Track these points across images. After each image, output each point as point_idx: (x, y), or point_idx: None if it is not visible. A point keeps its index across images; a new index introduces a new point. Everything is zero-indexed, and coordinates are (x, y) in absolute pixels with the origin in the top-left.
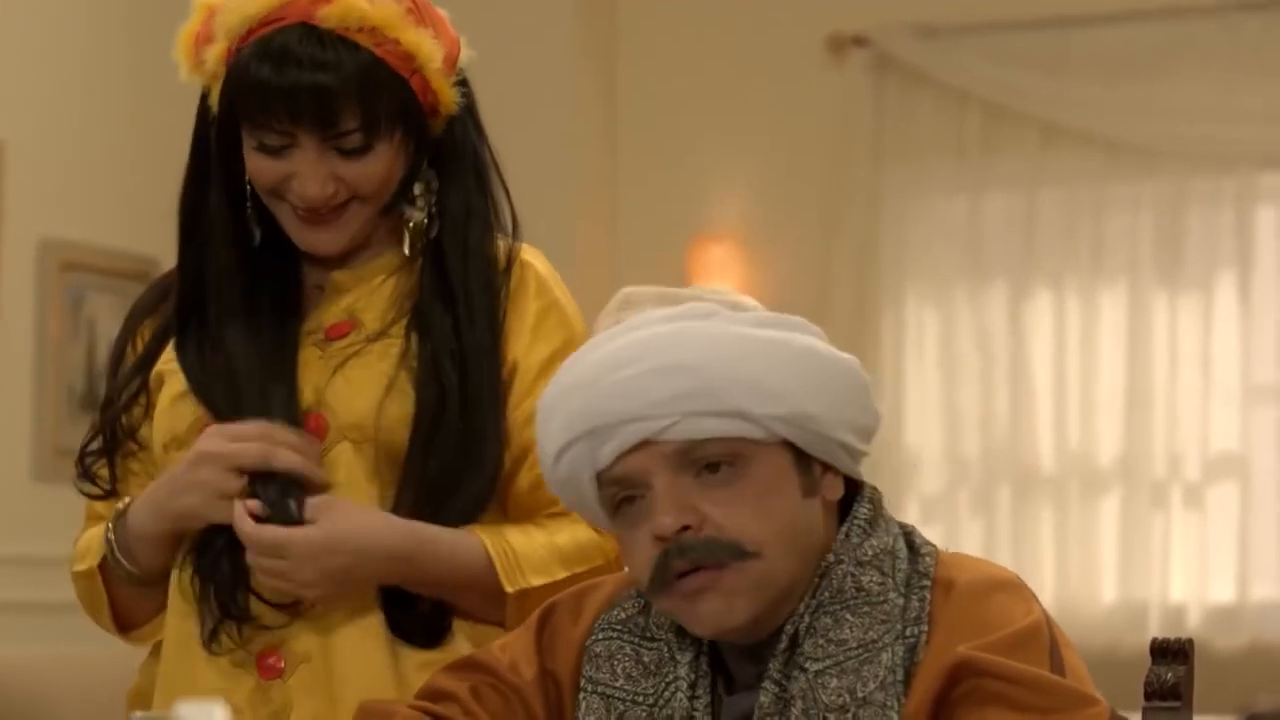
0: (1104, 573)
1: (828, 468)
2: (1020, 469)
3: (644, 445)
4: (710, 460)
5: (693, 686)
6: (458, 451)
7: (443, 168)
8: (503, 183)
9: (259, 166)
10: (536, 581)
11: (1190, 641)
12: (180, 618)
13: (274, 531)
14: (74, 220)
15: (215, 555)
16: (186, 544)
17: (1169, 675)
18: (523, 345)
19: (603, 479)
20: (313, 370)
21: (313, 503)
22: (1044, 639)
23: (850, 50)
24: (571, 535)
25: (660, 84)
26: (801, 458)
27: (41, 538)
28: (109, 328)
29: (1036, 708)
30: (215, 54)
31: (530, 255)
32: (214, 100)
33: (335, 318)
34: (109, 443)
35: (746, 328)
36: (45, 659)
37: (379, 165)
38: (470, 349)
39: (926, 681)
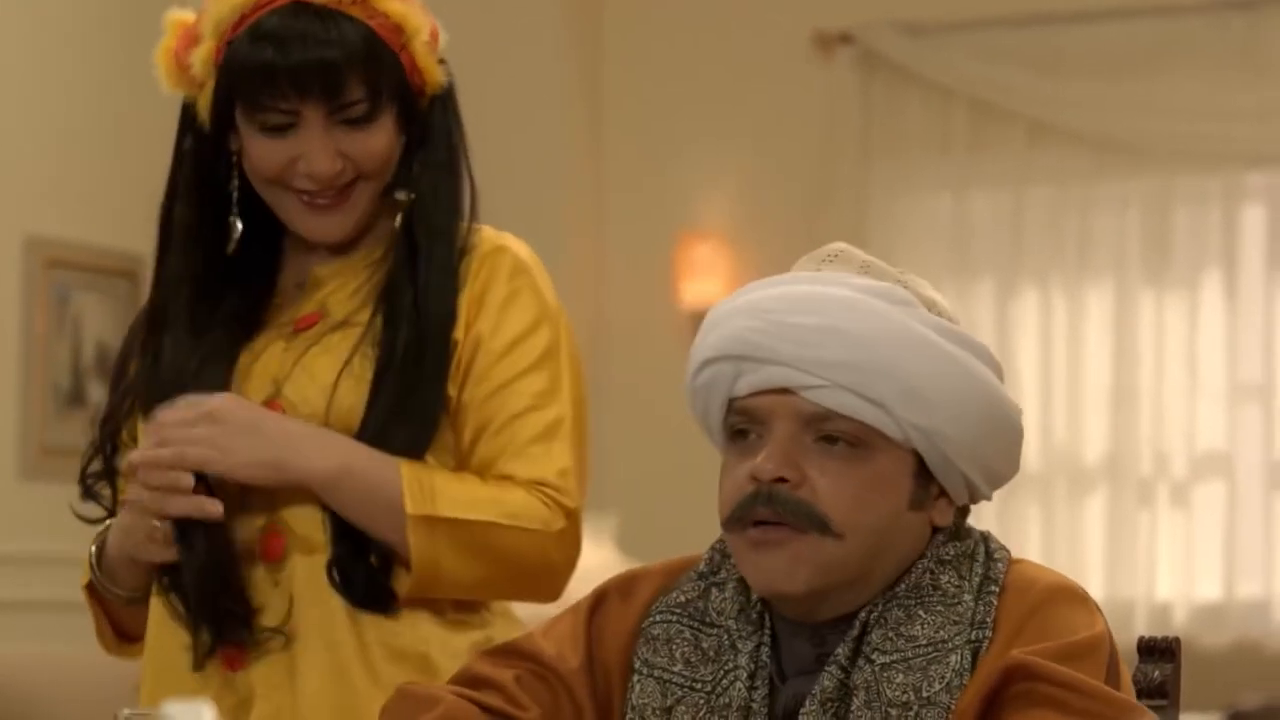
0: (1090, 571)
1: (944, 493)
2: None
3: (784, 392)
4: (837, 434)
5: (752, 676)
6: (395, 403)
7: (419, 146)
8: (469, 168)
9: (263, 152)
10: (446, 512)
11: (1177, 639)
12: (160, 617)
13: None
14: (60, 218)
15: (189, 572)
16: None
17: (1156, 673)
18: (489, 324)
19: (733, 405)
20: (274, 362)
21: None
22: (1104, 653)
23: (837, 48)
24: (512, 496)
25: (646, 82)
26: (924, 471)
27: (27, 536)
28: (94, 325)
29: (1088, 712)
30: (202, 56)
31: (510, 242)
32: (202, 105)
33: (305, 310)
34: (108, 461)
35: (930, 330)
36: (33, 657)
37: (382, 138)
38: (425, 317)
39: (979, 680)
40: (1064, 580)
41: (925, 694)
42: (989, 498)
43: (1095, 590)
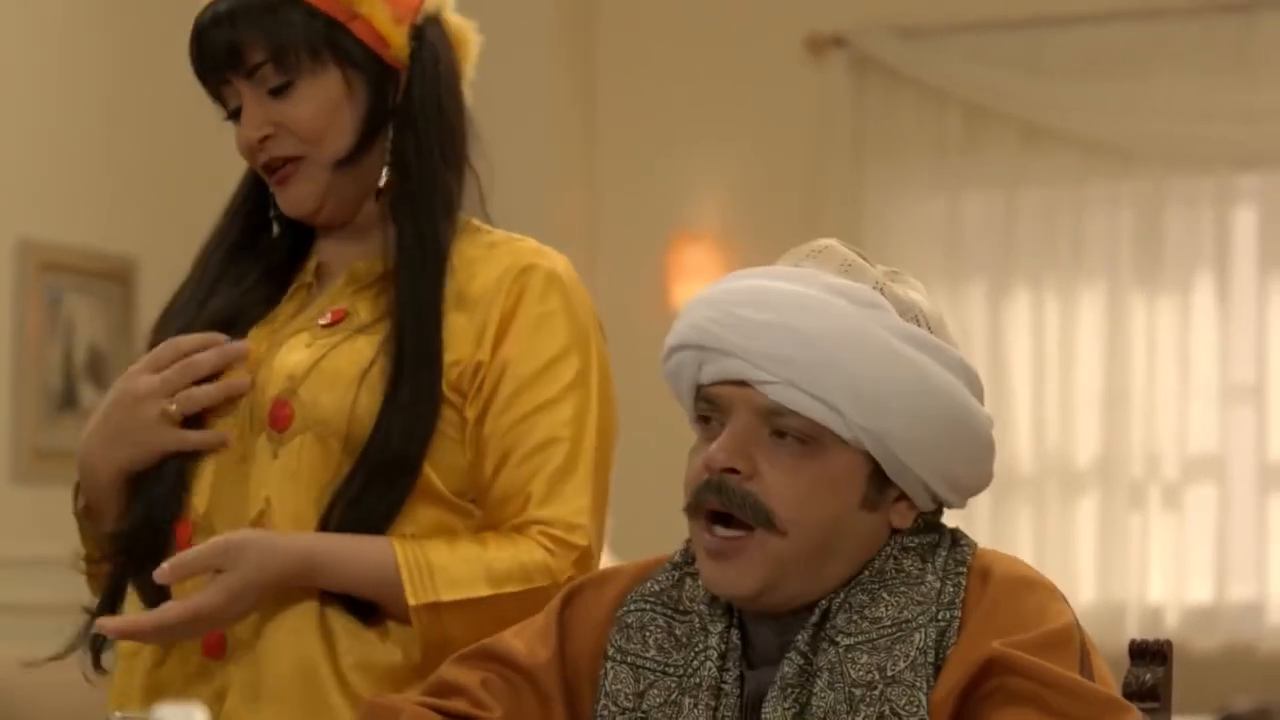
0: (1082, 573)
1: (904, 496)
2: (998, 469)
3: (742, 384)
4: (790, 431)
5: (722, 657)
6: (402, 425)
7: (402, 128)
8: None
9: (239, 143)
10: (448, 596)
11: (1168, 642)
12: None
13: (179, 610)
14: (52, 221)
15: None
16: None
17: (1147, 676)
18: (517, 350)
19: (700, 392)
20: (294, 357)
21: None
22: (1076, 642)
23: (829, 50)
24: (514, 554)
25: (640, 84)
26: (879, 474)
27: (19, 539)
28: (87, 328)
29: (1067, 713)
30: None
31: (545, 258)
32: None
33: (334, 302)
34: None
35: (893, 336)
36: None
37: (307, 105)
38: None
39: (956, 672)
40: (1031, 570)
41: (890, 673)
42: (959, 505)
43: (1087, 592)
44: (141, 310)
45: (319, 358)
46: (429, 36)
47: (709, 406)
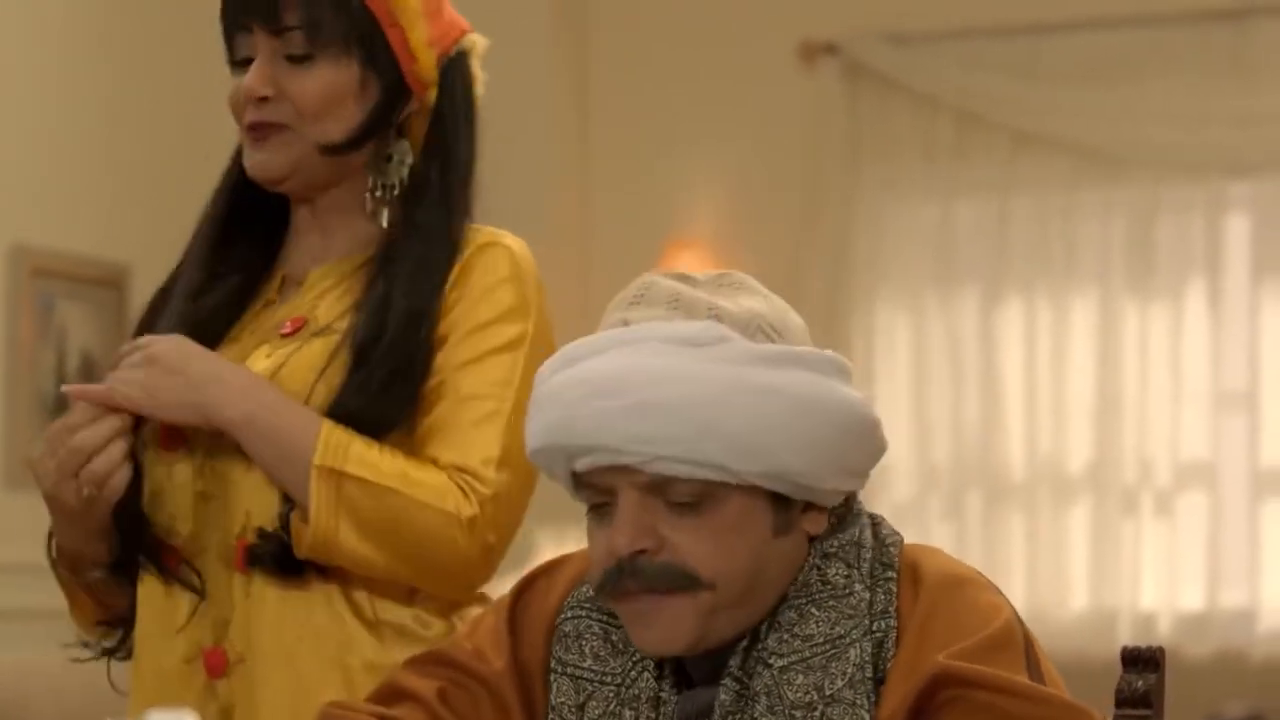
0: (1074, 580)
1: (811, 504)
2: (991, 476)
3: (617, 468)
4: (682, 497)
5: (659, 666)
6: (359, 400)
7: (426, 141)
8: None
9: (232, 90)
10: (353, 470)
11: (1160, 649)
12: (147, 626)
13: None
14: (45, 226)
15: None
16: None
17: (1139, 683)
18: (464, 309)
19: (577, 480)
20: (257, 366)
21: None
22: (1018, 639)
23: (822, 58)
24: (433, 475)
25: (633, 91)
26: (780, 497)
27: (10, 544)
28: (79, 335)
29: (1027, 717)
30: None
31: (507, 239)
32: None
33: (291, 313)
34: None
35: (749, 367)
36: (15, 665)
37: (319, 81)
38: (393, 312)
39: (902, 688)
40: (959, 565)
41: (829, 692)
42: (863, 485)
43: (1079, 599)
44: (134, 317)
45: (279, 365)
46: (463, 71)
47: (594, 493)
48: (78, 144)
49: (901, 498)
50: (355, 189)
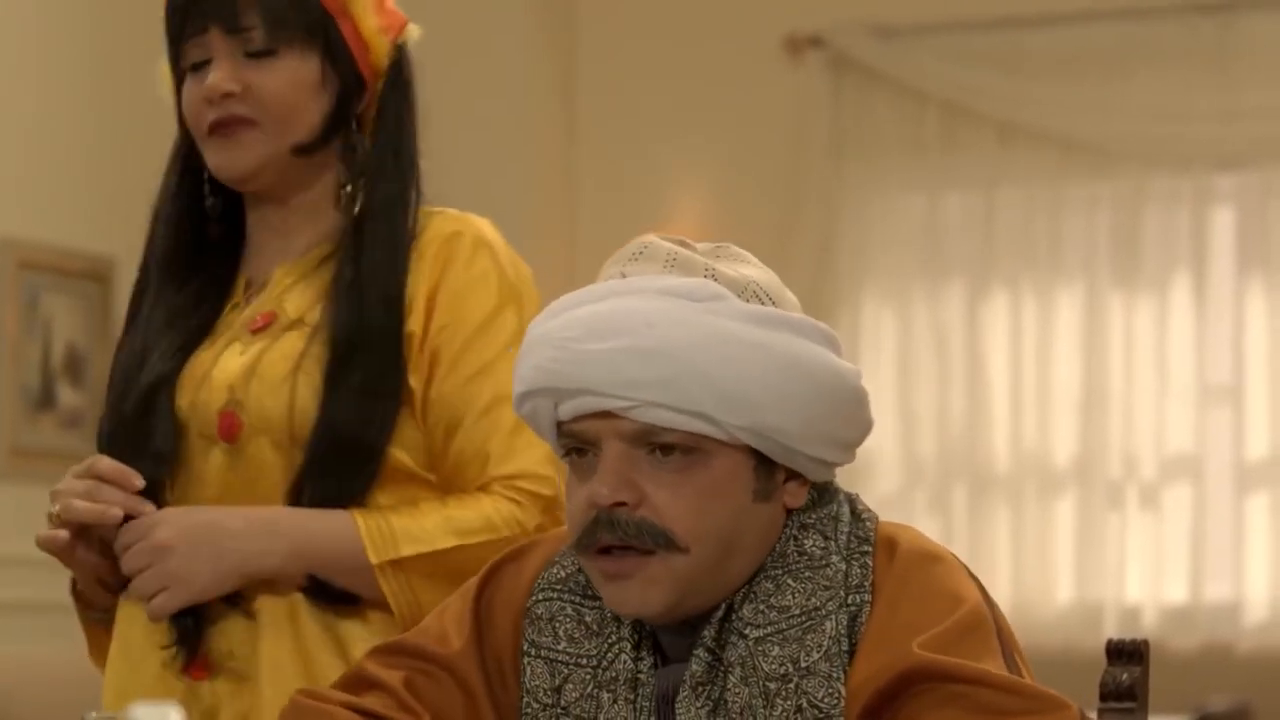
0: (1060, 573)
1: (793, 475)
2: (976, 469)
3: (603, 414)
4: (667, 446)
5: (636, 648)
6: (348, 394)
7: (373, 130)
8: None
9: (188, 94)
10: (409, 550)
11: (1145, 642)
12: (126, 624)
13: (130, 523)
14: (31, 219)
15: None
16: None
17: (1124, 676)
18: (451, 314)
19: (561, 429)
20: (231, 368)
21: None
22: (989, 623)
23: (807, 51)
24: (478, 510)
25: (618, 84)
26: (764, 462)
27: None
28: (65, 327)
29: (1003, 710)
30: None
31: (467, 224)
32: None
33: (262, 307)
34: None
35: (740, 323)
36: (2, 658)
37: (282, 77)
38: (367, 299)
39: (873, 659)
40: (932, 544)
41: (804, 664)
42: (848, 461)
43: (1064, 592)
44: (119, 309)
45: (254, 362)
46: (406, 56)
47: (576, 441)
48: (63, 136)
49: (886, 490)
50: (320, 190)
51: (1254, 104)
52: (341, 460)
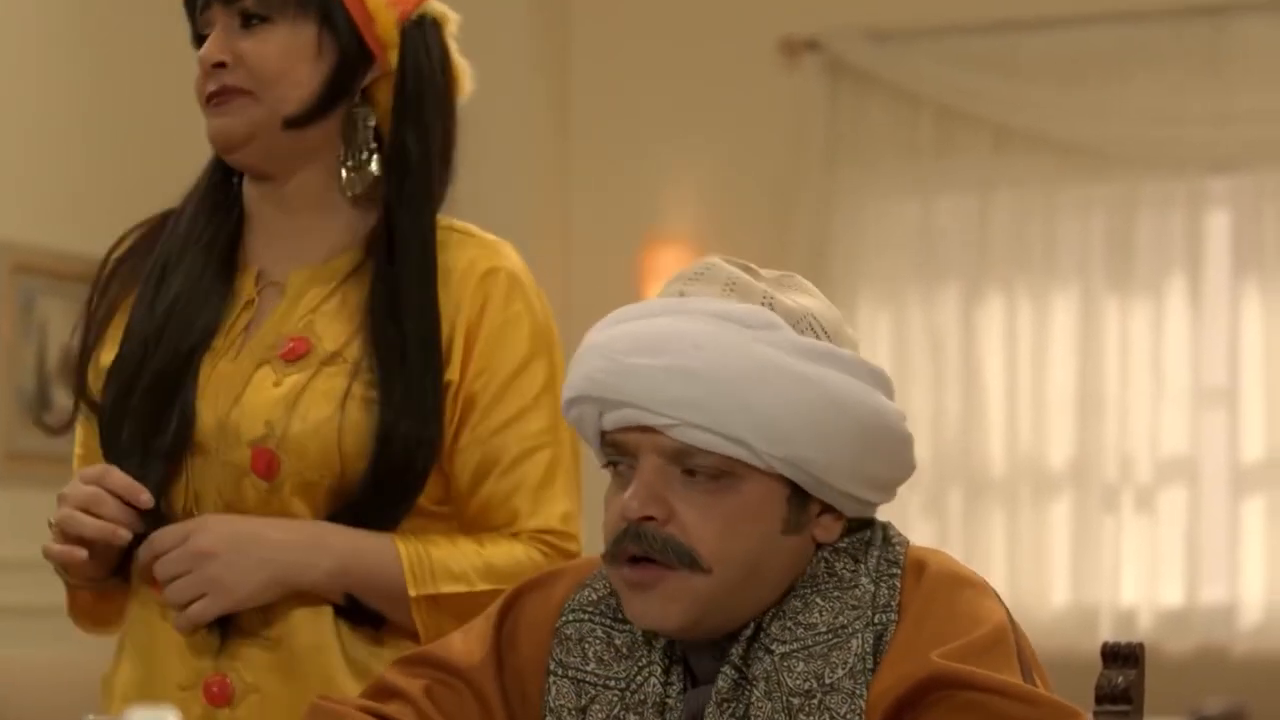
0: (1055, 576)
1: (828, 509)
2: (971, 472)
3: (644, 429)
4: (701, 469)
5: (666, 672)
6: (399, 460)
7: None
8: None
9: (199, 68)
10: (447, 589)
11: (1141, 645)
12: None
13: (165, 529)
14: (26, 223)
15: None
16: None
17: (1120, 679)
18: (486, 360)
19: (605, 438)
20: (265, 396)
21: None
22: (1010, 641)
23: (803, 54)
24: (510, 553)
25: (613, 87)
26: (798, 494)
27: None
28: (60, 330)
29: (1017, 717)
30: None
31: (503, 259)
32: None
33: (292, 329)
34: (82, 395)
35: (788, 355)
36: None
37: (273, 44)
38: (407, 326)
39: (895, 670)
40: (964, 568)
41: (828, 680)
42: (886, 501)
43: (1060, 595)
44: None
45: (295, 396)
46: (427, 35)
47: (615, 451)
48: (58, 140)
49: None
50: (322, 173)
51: (1248, 107)
52: (381, 509)
